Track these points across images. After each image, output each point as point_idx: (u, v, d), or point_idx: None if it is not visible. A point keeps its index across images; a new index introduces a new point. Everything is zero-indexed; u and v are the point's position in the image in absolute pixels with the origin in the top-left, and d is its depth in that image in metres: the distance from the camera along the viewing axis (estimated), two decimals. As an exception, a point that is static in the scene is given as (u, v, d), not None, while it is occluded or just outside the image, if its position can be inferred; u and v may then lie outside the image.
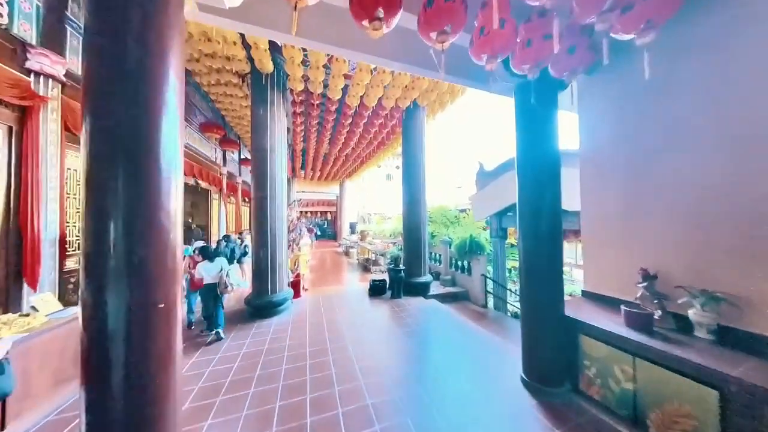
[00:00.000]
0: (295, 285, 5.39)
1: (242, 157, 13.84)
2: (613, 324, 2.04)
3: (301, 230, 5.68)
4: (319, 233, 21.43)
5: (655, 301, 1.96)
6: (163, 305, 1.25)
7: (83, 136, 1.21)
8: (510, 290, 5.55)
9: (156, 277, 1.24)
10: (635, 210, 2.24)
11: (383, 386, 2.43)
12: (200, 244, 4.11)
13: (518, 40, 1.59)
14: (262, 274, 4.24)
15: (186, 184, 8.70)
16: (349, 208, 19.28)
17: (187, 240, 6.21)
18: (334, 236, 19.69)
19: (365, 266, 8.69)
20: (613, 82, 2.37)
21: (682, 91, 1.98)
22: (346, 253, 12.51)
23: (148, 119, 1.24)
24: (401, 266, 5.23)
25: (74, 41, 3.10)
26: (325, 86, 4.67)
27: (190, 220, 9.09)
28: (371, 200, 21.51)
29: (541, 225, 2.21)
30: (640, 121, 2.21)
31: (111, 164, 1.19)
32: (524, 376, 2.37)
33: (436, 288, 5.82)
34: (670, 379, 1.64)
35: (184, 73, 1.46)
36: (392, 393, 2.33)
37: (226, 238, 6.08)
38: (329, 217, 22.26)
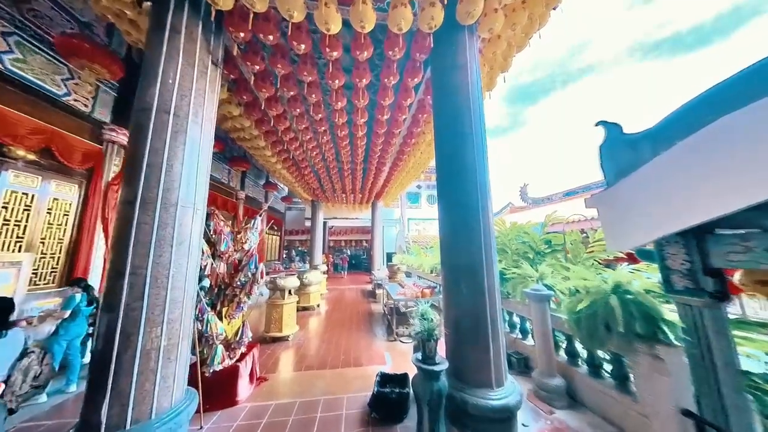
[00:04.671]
0: (230, 375, 2.79)
1: (267, 180, 13.10)
2: None
3: (256, 266, 3.22)
4: (352, 262, 19.33)
5: None
6: None
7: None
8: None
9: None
10: None
11: None
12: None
13: None
14: (99, 376, 1.79)
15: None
16: (384, 235, 16.83)
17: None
18: (369, 268, 17.26)
19: (390, 324, 5.68)
20: None
21: None
22: (373, 295, 9.64)
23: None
24: (437, 359, 2.19)
25: None
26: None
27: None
28: (411, 227, 18.83)
29: None
30: None
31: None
32: None
33: (529, 414, 2.47)
34: None
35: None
36: None
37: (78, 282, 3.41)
38: (365, 245, 20.32)
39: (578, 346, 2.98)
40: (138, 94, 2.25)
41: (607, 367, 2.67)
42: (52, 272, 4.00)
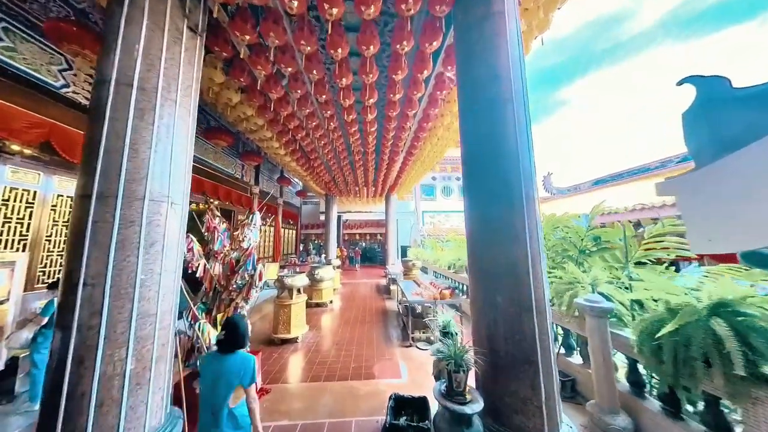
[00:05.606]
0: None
1: (281, 175, 12.99)
2: None
3: (254, 266, 2.86)
4: (366, 255, 19.22)
5: None
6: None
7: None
8: None
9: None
10: None
11: None
12: None
13: None
14: (48, 411, 1.48)
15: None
16: (399, 228, 16.39)
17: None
18: (384, 261, 17.02)
19: (405, 325, 5.23)
20: None
21: None
22: (387, 290, 9.25)
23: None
24: (469, 395, 1.68)
25: None
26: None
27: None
28: (425, 219, 18.24)
29: None
30: None
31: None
32: None
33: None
34: None
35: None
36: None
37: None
38: (380, 238, 20.12)
39: (642, 370, 2.34)
40: (97, 64, 1.88)
41: (684, 403, 2.01)
42: (60, 270, 3.94)
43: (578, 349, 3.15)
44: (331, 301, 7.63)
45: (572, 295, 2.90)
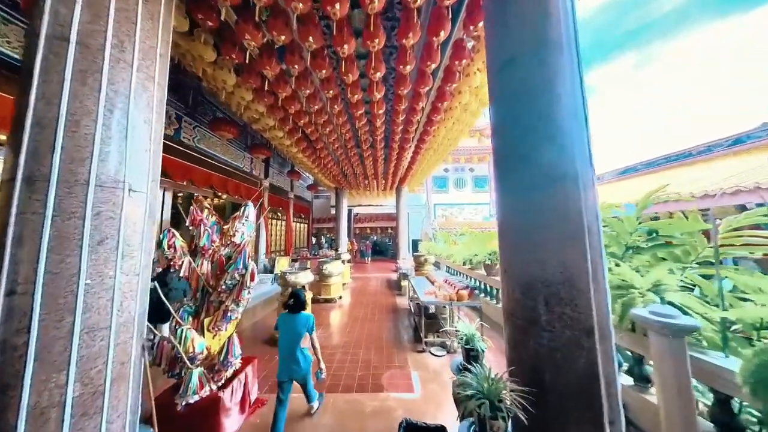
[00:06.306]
0: (210, 407, 2.16)
1: (291, 168, 12.75)
2: None
3: (245, 265, 2.50)
4: (377, 249, 19.00)
5: None
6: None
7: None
8: None
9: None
10: None
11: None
12: None
13: None
14: (-34, 451, 1.18)
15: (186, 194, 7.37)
16: (410, 221, 15.90)
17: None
18: (395, 255, 16.71)
19: (417, 326, 4.81)
20: None
21: None
22: (398, 286, 8.85)
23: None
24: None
25: None
26: None
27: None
28: (437, 212, 17.62)
29: None
30: None
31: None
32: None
33: None
34: None
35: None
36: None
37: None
38: (391, 232, 19.82)
39: (740, 412, 1.77)
40: (28, 12, 1.51)
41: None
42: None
43: (626, 366, 2.60)
44: (340, 297, 7.34)
45: (625, 303, 2.34)
